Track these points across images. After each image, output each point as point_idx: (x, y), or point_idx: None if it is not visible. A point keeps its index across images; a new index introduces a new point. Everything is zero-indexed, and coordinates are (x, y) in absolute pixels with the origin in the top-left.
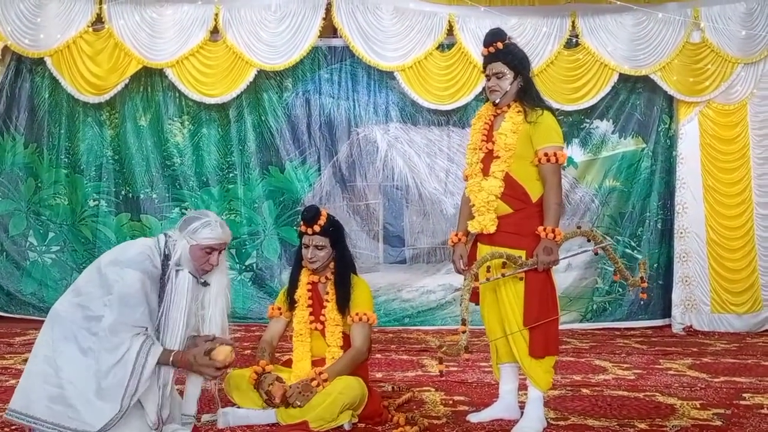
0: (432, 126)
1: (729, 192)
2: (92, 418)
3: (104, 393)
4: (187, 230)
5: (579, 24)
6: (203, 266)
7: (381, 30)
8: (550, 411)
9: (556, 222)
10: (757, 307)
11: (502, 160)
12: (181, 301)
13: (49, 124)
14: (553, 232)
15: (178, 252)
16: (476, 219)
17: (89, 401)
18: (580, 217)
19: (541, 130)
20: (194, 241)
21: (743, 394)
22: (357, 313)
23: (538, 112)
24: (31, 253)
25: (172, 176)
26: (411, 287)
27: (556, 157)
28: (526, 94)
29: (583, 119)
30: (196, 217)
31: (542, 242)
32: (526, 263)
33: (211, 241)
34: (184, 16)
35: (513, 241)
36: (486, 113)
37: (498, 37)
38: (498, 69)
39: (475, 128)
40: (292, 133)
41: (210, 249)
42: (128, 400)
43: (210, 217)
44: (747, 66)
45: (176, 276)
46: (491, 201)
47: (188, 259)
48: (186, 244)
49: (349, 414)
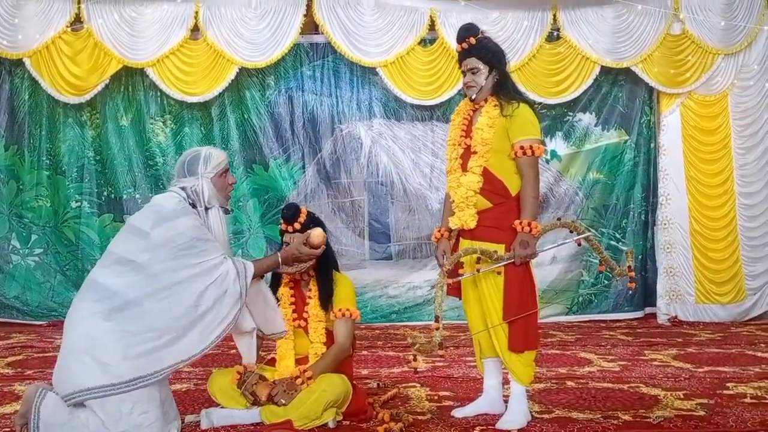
0: (416, 121)
1: (711, 183)
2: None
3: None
4: (198, 170)
5: (560, 17)
6: (227, 190)
7: (362, 26)
8: (535, 404)
9: (533, 215)
10: (741, 297)
11: (480, 155)
12: (222, 235)
13: (29, 126)
14: (529, 225)
15: (206, 191)
16: (456, 215)
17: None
18: (565, 210)
19: (517, 123)
20: (211, 173)
21: (727, 384)
22: (340, 308)
23: (514, 105)
24: (14, 256)
25: (155, 176)
26: (397, 283)
27: (532, 149)
28: (502, 88)
29: (566, 112)
30: (193, 158)
31: (519, 236)
32: (503, 257)
33: (221, 165)
34: (164, 14)
35: (493, 235)
36: (465, 109)
37: (470, 33)
38: (473, 64)
39: (454, 124)
40: (275, 130)
41: (224, 172)
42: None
43: (202, 148)
44: (727, 57)
45: (208, 215)
46: (470, 197)
47: (215, 192)
48: (207, 181)
49: (333, 411)
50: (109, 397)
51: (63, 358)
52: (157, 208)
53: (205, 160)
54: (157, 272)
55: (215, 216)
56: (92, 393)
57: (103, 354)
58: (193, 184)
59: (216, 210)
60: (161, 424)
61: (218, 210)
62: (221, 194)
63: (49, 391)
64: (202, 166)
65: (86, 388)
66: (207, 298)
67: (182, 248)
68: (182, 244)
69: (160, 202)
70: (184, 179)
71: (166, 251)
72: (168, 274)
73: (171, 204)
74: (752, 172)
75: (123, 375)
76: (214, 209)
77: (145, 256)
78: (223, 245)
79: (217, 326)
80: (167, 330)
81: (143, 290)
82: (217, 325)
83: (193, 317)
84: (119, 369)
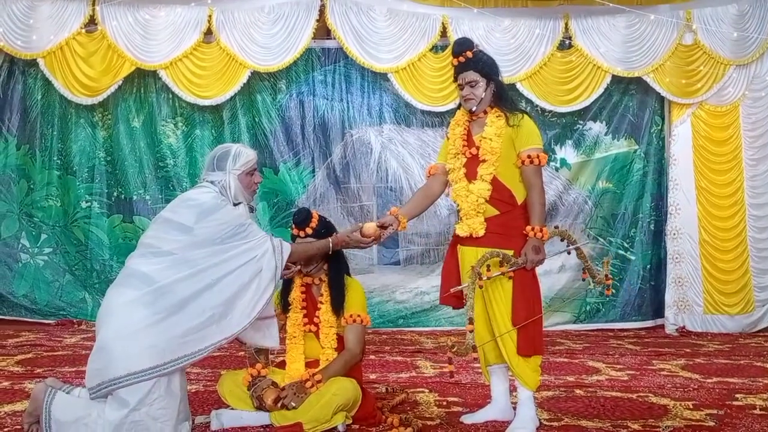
0: (426, 127)
1: (721, 193)
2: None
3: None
4: (227, 166)
5: (572, 26)
6: (253, 189)
7: (375, 31)
8: (544, 412)
9: (542, 221)
10: (749, 308)
11: (490, 163)
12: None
13: (41, 126)
14: (541, 231)
15: (233, 188)
16: (465, 222)
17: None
18: (574, 218)
19: (523, 133)
20: (238, 170)
21: (736, 395)
22: (351, 314)
23: (519, 116)
24: (24, 255)
25: (166, 177)
26: (405, 288)
27: (538, 159)
28: (501, 99)
29: (576, 121)
30: (223, 153)
31: (530, 241)
32: (516, 262)
33: (250, 164)
34: (177, 17)
35: (500, 241)
36: (462, 119)
37: (466, 47)
38: (471, 78)
39: (455, 134)
40: (285, 134)
41: (252, 171)
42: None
43: (233, 145)
44: (739, 68)
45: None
46: (480, 204)
47: (241, 189)
48: (234, 178)
49: (342, 415)
50: (141, 383)
51: (101, 348)
52: (197, 203)
53: (234, 157)
54: (204, 267)
55: (244, 213)
56: (136, 377)
57: (145, 338)
58: (221, 179)
59: (244, 206)
60: (175, 422)
61: (245, 207)
62: (247, 191)
63: (58, 390)
64: (231, 162)
65: (132, 372)
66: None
67: (227, 237)
68: (227, 233)
69: (197, 197)
70: (213, 173)
71: (213, 244)
72: (215, 268)
73: (208, 198)
74: (763, 183)
75: (166, 355)
76: (242, 205)
77: (191, 251)
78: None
79: (257, 302)
80: (210, 310)
81: (193, 287)
82: (257, 300)
83: (234, 295)
84: (163, 350)
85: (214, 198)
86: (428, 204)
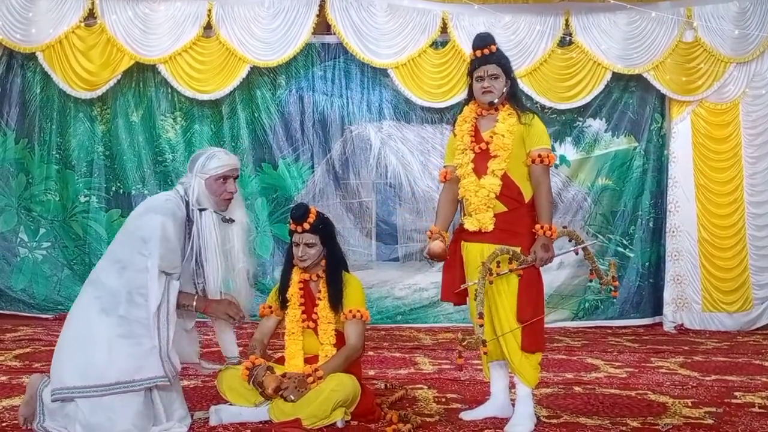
0: (425, 124)
1: (721, 191)
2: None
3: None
4: (195, 168)
5: (572, 22)
6: (223, 196)
7: (375, 27)
8: (543, 409)
9: (550, 220)
10: (748, 306)
11: (502, 159)
12: (211, 240)
13: (40, 120)
14: (550, 230)
15: (195, 191)
16: (474, 217)
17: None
18: (573, 215)
19: (534, 132)
20: (206, 174)
21: (734, 393)
22: (350, 310)
23: (530, 116)
24: (22, 249)
25: (164, 172)
26: (404, 285)
27: (548, 158)
28: (514, 97)
29: (576, 118)
30: (200, 154)
31: (540, 239)
32: (526, 260)
33: (221, 169)
34: (177, 11)
35: (507, 238)
36: (470, 115)
37: (490, 41)
38: (493, 71)
39: (463, 130)
40: (285, 130)
41: (224, 178)
42: (165, 343)
43: (213, 149)
44: (739, 65)
45: (201, 216)
46: (491, 199)
47: (206, 194)
48: (200, 181)
49: (341, 411)
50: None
51: (56, 353)
52: (146, 202)
53: (205, 159)
54: (129, 266)
55: (208, 219)
56: (75, 392)
57: (92, 353)
58: (189, 182)
59: (210, 214)
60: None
61: (212, 215)
62: (214, 197)
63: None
64: (200, 164)
65: (72, 387)
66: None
67: (138, 241)
68: (140, 237)
69: (152, 198)
70: (186, 175)
71: (133, 243)
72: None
73: (158, 199)
74: (762, 181)
75: (107, 377)
76: (208, 212)
77: (125, 251)
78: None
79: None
80: (148, 334)
81: (125, 287)
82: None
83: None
84: (106, 371)
85: (163, 202)
86: (455, 209)
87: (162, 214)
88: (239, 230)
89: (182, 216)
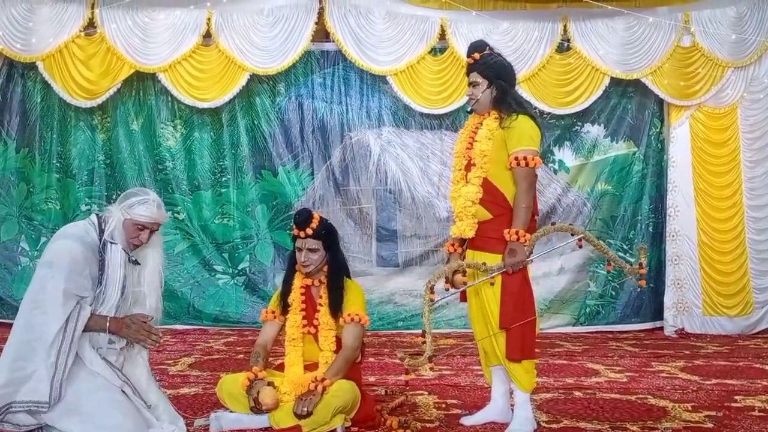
0: (425, 130)
1: (720, 195)
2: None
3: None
4: (123, 204)
5: (570, 28)
6: (133, 241)
7: (373, 34)
8: (543, 414)
9: (523, 224)
10: (748, 310)
11: (479, 166)
12: (114, 274)
13: (41, 129)
14: (517, 234)
15: (112, 223)
16: (456, 224)
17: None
18: (572, 220)
19: (514, 134)
20: (128, 215)
21: (735, 397)
22: (349, 314)
23: (513, 117)
24: (23, 258)
25: (164, 180)
26: (404, 291)
27: (526, 160)
28: (502, 102)
29: (575, 123)
30: (135, 194)
31: (508, 245)
32: (492, 268)
33: (143, 218)
34: (176, 20)
35: (493, 245)
36: (472, 123)
37: (476, 50)
38: (473, 78)
39: (461, 137)
40: (284, 137)
41: (142, 226)
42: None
43: (149, 195)
44: (737, 70)
45: (110, 249)
46: (468, 207)
47: (120, 232)
48: (120, 217)
49: (341, 418)
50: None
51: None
52: (59, 230)
53: (136, 202)
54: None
55: (116, 254)
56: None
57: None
58: (111, 212)
59: (118, 249)
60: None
61: (120, 251)
62: (126, 237)
63: None
64: (129, 203)
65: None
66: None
67: (45, 267)
68: (46, 262)
69: (62, 228)
70: (112, 206)
71: (41, 270)
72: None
73: (66, 228)
74: (761, 185)
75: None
76: (117, 248)
77: (35, 283)
78: (113, 287)
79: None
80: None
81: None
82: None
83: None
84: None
85: (74, 228)
86: None
87: (69, 239)
88: (152, 274)
89: (92, 241)
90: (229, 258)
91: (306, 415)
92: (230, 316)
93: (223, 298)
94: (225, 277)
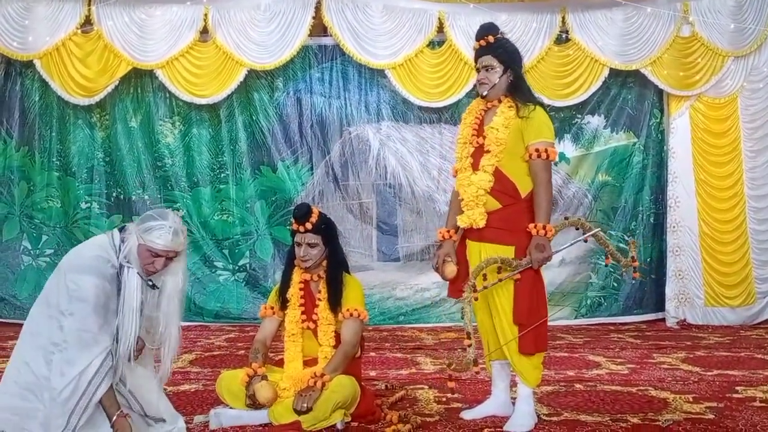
0: (424, 123)
1: (721, 185)
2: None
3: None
4: (141, 227)
5: (569, 20)
6: (147, 267)
7: (371, 28)
8: (544, 407)
9: (547, 218)
10: (750, 300)
11: (493, 154)
12: (132, 300)
13: (40, 127)
14: (545, 229)
15: (128, 246)
16: (465, 213)
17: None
18: (573, 212)
19: (533, 125)
20: (142, 240)
21: (736, 387)
22: (348, 309)
23: (530, 108)
24: (25, 257)
25: (164, 177)
26: (405, 285)
27: (546, 153)
28: (517, 90)
29: (575, 114)
30: (153, 217)
31: (534, 239)
32: (521, 264)
33: (157, 246)
34: (173, 16)
35: (501, 236)
36: (476, 108)
37: (489, 31)
38: (488, 62)
39: (466, 123)
40: (283, 132)
41: (156, 253)
42: (76, 419)
43: (166, 221)
44: (737, 59)
45: (127, 272)
46: (480, 195)
47: (135, 255)
48: (135, 241)
49: (341, 413)
50: None
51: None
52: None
53: (153, 227)
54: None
55: (132, 279)
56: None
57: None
58: (130, 233)
59: (134, 274)
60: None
61: (136, 275)
62: (140, 262)
63: None
64: (145, 227)
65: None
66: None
67: (74, 307)
68: (76, 298)
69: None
70: (134, 224)
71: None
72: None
73: (89, 254)
74: (762, 175)
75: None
76: (133, 272)
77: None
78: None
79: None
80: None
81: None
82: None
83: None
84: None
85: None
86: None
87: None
88: (170, 299)
89: (115, 273)
90: (229, 254)
91: (306, 410)
92: (231, 312)
93: (224, 295)
94: (225, 274)
